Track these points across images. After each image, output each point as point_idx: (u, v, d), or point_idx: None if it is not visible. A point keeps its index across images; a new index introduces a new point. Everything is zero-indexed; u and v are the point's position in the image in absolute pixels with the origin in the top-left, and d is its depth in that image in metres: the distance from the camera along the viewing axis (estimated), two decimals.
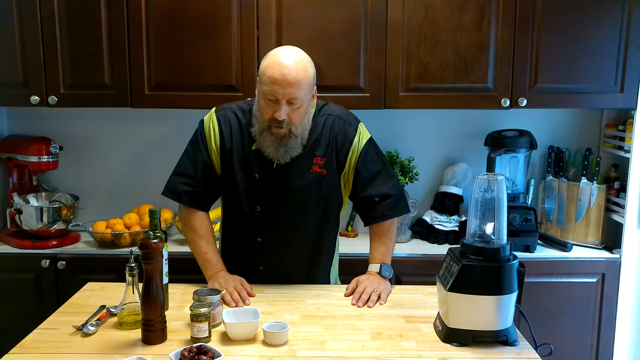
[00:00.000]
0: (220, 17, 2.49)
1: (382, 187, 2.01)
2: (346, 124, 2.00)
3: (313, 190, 1.96)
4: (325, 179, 1.97)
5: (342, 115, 2.01)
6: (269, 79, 1.80)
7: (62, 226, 2.62)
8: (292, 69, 1.79)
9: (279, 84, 1.78)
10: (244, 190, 1.97)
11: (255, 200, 1.97)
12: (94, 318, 1.72)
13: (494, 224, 1.62)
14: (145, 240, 1.56)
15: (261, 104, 1.86)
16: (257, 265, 2.05)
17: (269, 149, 1.89)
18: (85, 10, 2.49)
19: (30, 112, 2.82)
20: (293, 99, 1.81)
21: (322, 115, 1.99)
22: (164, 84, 2.55)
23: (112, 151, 2.90)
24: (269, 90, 1.80)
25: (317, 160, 1.95)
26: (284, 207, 1.97)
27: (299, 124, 1.87)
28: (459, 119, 2.85)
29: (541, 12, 2.48)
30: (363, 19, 2.49)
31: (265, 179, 1.95)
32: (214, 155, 1.98)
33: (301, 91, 1.81)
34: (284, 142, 1.87)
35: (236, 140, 1.97)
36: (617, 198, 2.69)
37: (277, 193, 1.96)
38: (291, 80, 1.78)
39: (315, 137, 1.96)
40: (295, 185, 1.95)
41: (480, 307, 1.57)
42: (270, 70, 1.80)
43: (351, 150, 1.98)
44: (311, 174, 1.95)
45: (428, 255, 2.57)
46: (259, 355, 1.53)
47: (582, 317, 2.59)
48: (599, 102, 2.61)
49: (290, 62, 1.80)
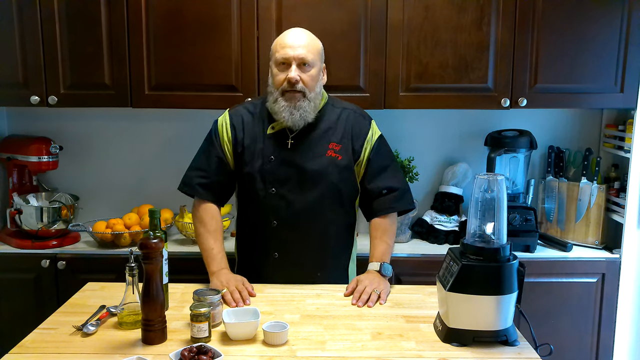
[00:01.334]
0: (220, 17, 2.49)
1: (389, 180, 2.08)
2: (361, 117, 2.11)
3: (328, 173, 2.01)
4: (340, 165, 2.02)
5: (357, 110, 2.14)
6: (280, 45, 1.97)
7: (62, 226, 2.62)
8: (300, 35, 1.99)
9: (289, 47, 1.95)
10: (260, 173, 2.02)
11: (270, 182, 2.02)
12: (94, 318, 1.72)
13: (494, 224, 1.62)
14: (145, 240, 1.56)
15: (274, 72, 2.00)
16: (271, 252, 2.05)
17: (284, 113, 1.97)
18: (85, 10, 2.49)
19: (30, 112, 2.82)
20: (304, 61, 1.95)
21: (337, 107, 2.11)
22: (164, 84, 2.55)
23: (112, 151, 2.90)
24: (281, 55, 1.96)
25: (332, 145, 2.03)
26: (299, 189, 2.01)
27: (310, 88, 1.98)
28: (459, 119, 2.85)
29: (541, 12, 2.48)
30: (363, 19, 2.49)
31: (281, 161, 2.01)
32: (226, 149, 2.07)
33: (310, 53, 1.97)
34: (298, 105, 1.97)
35: (249, 129, 2.06)
36: (617, 198, 2.69)
37: (292, 175, 2.01)
38: (301, 42, 1.96)
39: (331, 125, 2.05)
40: (310, 167, 2.00)
41: (480, 307, 1.57)
42: (281, 38, 1.99)
43: (366, 142, 2.07)
44: (326, 157, 2.02)
45: (428, 255, 2.57)
46: (259, 355, 1.53)
47: (582, 317, 2.59)
48: (599, 102, 2.60)
49: (299, 31, 2.01)
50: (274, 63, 1.99)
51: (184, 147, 2.89)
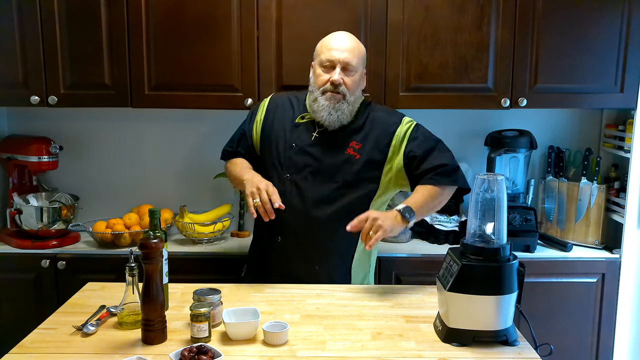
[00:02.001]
0: (220, 17, 2.49)
1: (435, 160, 2.02)
2: (391, 116, 2.13)
3: (342, 169, 2.04)
4: (357, 164, 2.04)
5: (388, 110, 2.19)
6: (326, 47, 2.03)
7: (62, 226, 2.62)
8: (347, 39, 2.05)
9: (335, 49, 2.01)
10: (279, 157, 2.08)
11: (286, 167, 2.07)
12: (94, 318, 1.72)
13: (494, 224, 1.62)
14: (145, 240, 1.56)
15: (317, 73, 2.05)
16: (275, 235, 2.06)
17: (322, 112, 2.02)
18: (85, 10, 2.49)
19: (30, 112, 2.82)
20: (348, 65, 2.01)
21: (371, 110, 2.14)
22: (164, 84, 2.55)
23: (112, 151, 2.90)
24: (326, 57, 2.01)
25: (353, 144, 2.06)
26: (312, 180, 2.04)
27: (352, 92, 2.03)
28: (459, 119, 2.85)
29: (541, 12, 2.48)
30: (363, 18, 2.49)
31: (302, 149, 2.06)
32: (254, 127, 2.18)
33: (355, 58, 2.02)
34: (337, 106, 2.02)
35: (282, 116, 2.15)
36: (617, 198, 2.69)
37: (308, 164, 2.05)
38: (347, 46, 2.02)
39: (356, 125, 2.09)
40: (327, 160, 2.04)
41: (480, 307, 1.57)
42: (327, 40, 2.05)
43: (394, 138, 2.06)
44: (345, 154, 2.05)
45: (428, 255, 2.57)
46: (259, 355, 1.53)
47: (582, 317, 2.59)
48: (599, 102, 2.60)
49: (345, 35, 2.06)
50: (318, 63, 2.04)
51: (184, 147, 2.90)
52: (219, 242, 2.72)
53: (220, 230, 2.70)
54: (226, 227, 2.73)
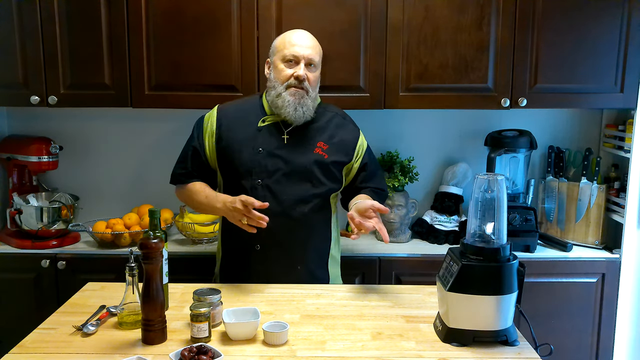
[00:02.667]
0: (220, 17, 2.49)
1: (379, 183, 2.21)
2: (351, 124, 2.19)
3: (313, 169, 2.06)
4: (325, 163, 2.07)
5: (346, 116, 2.21)
6: (289, 43, 2.04)
7: (62, 226, 2.62)
8: (308, 36, 2.08)
9: (299, 45, 2.03)
10: (247, 165, 2.06)
11: (257, 173, 2.05)
12: (94, 318, 1.72)
13: (494, 224, 1.62)
14: (145, 240, 1.56)
15: (280, 68, 2.05)
16: (254, 244, 2.06)
17: (288, 109, 2.03)
18: (85, 10, 2.49)
19: (30, 112, 2.82)
20: (311, 61, 2.04)
21: (329, 111, 2.17)
22: (164, 84, 2.55)
23: (112, 151, 2.90)
24: (290, 52, 2.02)
25: (320, 144, 2.09)
26: (285, 182, 2.04)
27: (313, 88, 2.07)
28: (459, 119, 2.85)
29: (541, 12, 2.48)
30: (363, 19, 2.49)
31: (270, 153, 2.06)
32: (207, 142, 2.11)
33: (317, 55, 2.07)
34: (302, 102, 2.03)
35: (237, 124, 2.11)
36: (617, 198, 2.69)
37: (279, 167, 2.05)
38: (310, 43, 2.06)
39: (321, 125, 2.12)
40: (297, 160, 2.05)
41: (480, 307, 1.57)
42: (290, 36, 2.06)
43: (358, 147, 2.15)
44: (314, 154, 2.07)
45: (428, 255, 2.57)
46: (259, 355, 1.53)
47: (582, 317, 2.59)
48: (599, 102, 2.60)
49: (305, 33, 2.09)
50: (280, 59, 2.04)
51: None
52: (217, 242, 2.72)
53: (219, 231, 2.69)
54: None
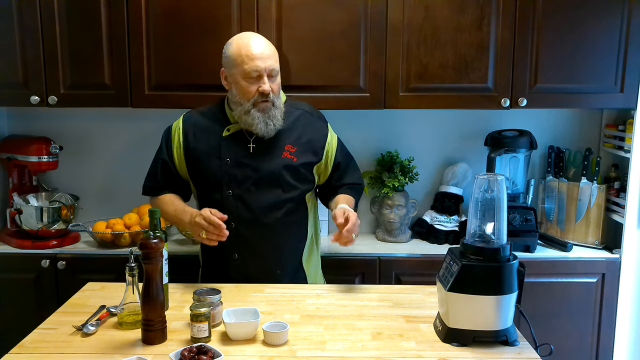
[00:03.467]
0: (220, 17, 2.49)
1: (352, 177, 2.20)
2: (319, 121, 2.15)
3: (283, 174, 2.04)
4: (294, 166, 2.05)
5: (314, 112, 2.17)
6: (247, 57, 1.94)
7: (62, 226, 2.62)
8: (264, 44, 1.98)
9: (259, 58, 1.94)
10: (216, 176, 2.04)
11: (227, 184, 2.04)
12: (94, 318, 1.72)
13: (494, 224, 1.62)
14: (145, 240, 1.56)
15: (243, 85, 1.97)
16: (231, 254, 2.06)
17: (260, 125, 1.98)
18: (85, 10, 2.49)
19: (30, 112, 2.82)
20: (272, 71, 1.97)
21: (294, 108, 2.12)
22: (164, 84, 2.55)
23: (112, 151, 2.90)
24: (251, 67, 1.94)
25: (288, 147, 2.06)
26: (255, 190, 2.03)
27: (278, 95, 2.02)
28: (459, 119, 2.85)
29: (541, 12, 2.48)
30: (363, 19, 2.49)
31: (238, 163, 2.03)
32: (175, 153, 2.10)
33: (276, 62, 2.00)
34: (271, 115, 1.99)
35: (203, 134, 2.08)
36: (617, 198, 2.69)
37: (248, 176, 2.03)
38: (269, 53, 1.97)
39: (287, 126, 2.07)
40: (266, 168, 2.03)
41: (480, 307, 1.57)
42: (246, 50, 1.96)
43: (327, 144, 2.12)
44: (282, 159, 2.04)
45: (428, 255, 2.57)
46: (259, 355, 1.53)
47: (582, 317, 2.59)
48: (599, 102, 2.60)
49: (259, 39, 2.00)
50: (241, 75, 1.96)
51: None
52: None
53: None
54: None
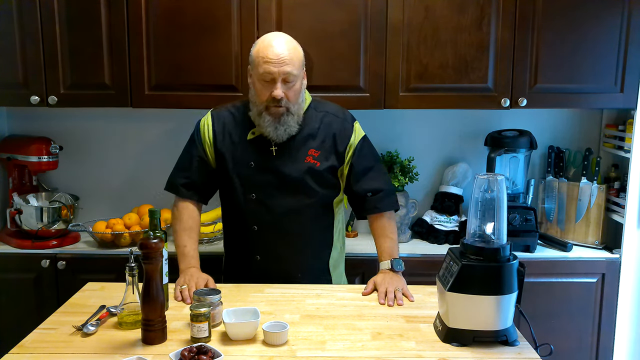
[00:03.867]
0: (220, 17, 2.49)
1: (374, 182, 2.09)
2: (344, 122, 2.09)
3: (306, 179, 2.02)
4: (317, 170, 2.02)
5: (339, 113, 2.10)
6: (263, 59, 1.90)
7: (62, 226, 2.62)
8: (284, 48, 1.91)
9: (274, 64, 1.89)
10: (240, 179, 2.03)
11: (250, 188, 2.03)
12: (94, 318, 1.72)
13: (494, 224, 1.62)
14: (145, 240, 1.56)
15: (257, 87, 1.95)
16: (253, 255, 2.07)
17: (268, 128, 1.96)
18: (85, 10, 2.49)
19: (30, 112, 2.82)
20: (288, 77, 1.91)
21: (319, 111, 2.08)
22: (164, 84, 2.55)
23: (112, 151, 2.90)
24: (265, 71, 1.90)
25: (311, 152, 2.03)
26: (278, 195, 2.02)
27: (294, 102, 1.96)
28: (459, 119, 2.85)
29: (541, 12, 2.48)
30: (363, 19, 2.49)
31: (261, 167, 2.02)
32: (208, 150, 2.07)
33: (295, 69, 1.92)
34: (282, 120, 1.95)
35: (230, 133, 2.05)
36: (617, 198, 2.69)
37: (271, 181, 2.02)
38: (285, 59, 1.89)
39: (311, 131, 2.04)
40: (288, 173, 2.01)
41: (480, 307, 1.57)
42: (264, 52, 1.91)
43: (349, 145, 2.06)
44: (305, 164, 2.02)
45: (428, 255, 2.57)
46: (259, 355, 1.53)
47: (582, 317, 2.59)
48: (599, 102, 2.60)
49: (281, 42, 1.92)
50: (257, 77, 1.93)
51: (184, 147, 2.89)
52: (219, 242, 2.72)
53: (220, 230, 2.70)
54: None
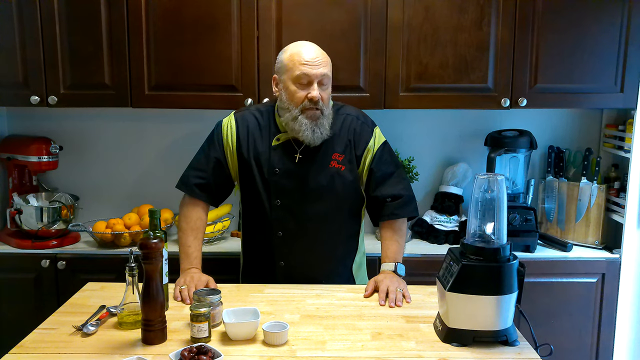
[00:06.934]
0: (220, 17, 2.49)
1: (393, 188, 2.08)
2: (364, 125, 2.08)
3: (331, 184, 2.01)
4: (343, 175, 2.02)
5: (360, 116, 2.11)
6: (299, 62, 1.92)
7: (62, 226, 2.62)
8: (318, 51, 1.96)
9: (311, 65, 1.92)
10: (265, 185, 2.02)
11: (275, 194, 2.02)
12: (94, 318, 1.72)
13: (494, 224, 1.62)
14: (145, 240, 1.56)
15: (292, 90, 1.95)
16: (277, 261, 2.06)
17: (306, 132, 1.95)
18: (85, 10, 2.49)
19: (30, 112, 2.82)
20: (324, 79, 1.94)
21: (341, 114, 2.08)
22: (164, 84, 2.55)
23: (112, 151, 2.90)
24: (302, 72, 1.91)
25: (335, 156, 2.02)
26: (303, 201, 2.02)
27: (327, 105, 1.99)
28: (459, 119, 2.85)
29: (541, 12, 2.48)
30: (363, 19, 2.49)
31: (286, 173, 2.01)
32: (229, 154, 2.06)
33: (329, 71, 1.96)
34: (319, 123, 1.96)
35: (255, 139, 2.04)
36: (617, 198, 2.69)
37: (296, 187, 2.01)
38: (320, 59, 1.94)
39: (335, 133, 2.03)
40: (314, 179, 2.00)
41: (480, 307, 1.57)
42: (299, 56, 1.93)
43: (366, 150, 2.05)
44: (330, 169, 2.01)
45: (428, 255, 2.57)
46: (259, 355, 1.53)
47: (582, 317, 2.59)
48: (599, 102, 2.61)
49: (313, 46, 1.97)
50: (292, 80, 1.94)
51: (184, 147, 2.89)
52: (219, 242, 2.72)
53: (220, 230, 2.70)
54: (226, 227, 2.74)
